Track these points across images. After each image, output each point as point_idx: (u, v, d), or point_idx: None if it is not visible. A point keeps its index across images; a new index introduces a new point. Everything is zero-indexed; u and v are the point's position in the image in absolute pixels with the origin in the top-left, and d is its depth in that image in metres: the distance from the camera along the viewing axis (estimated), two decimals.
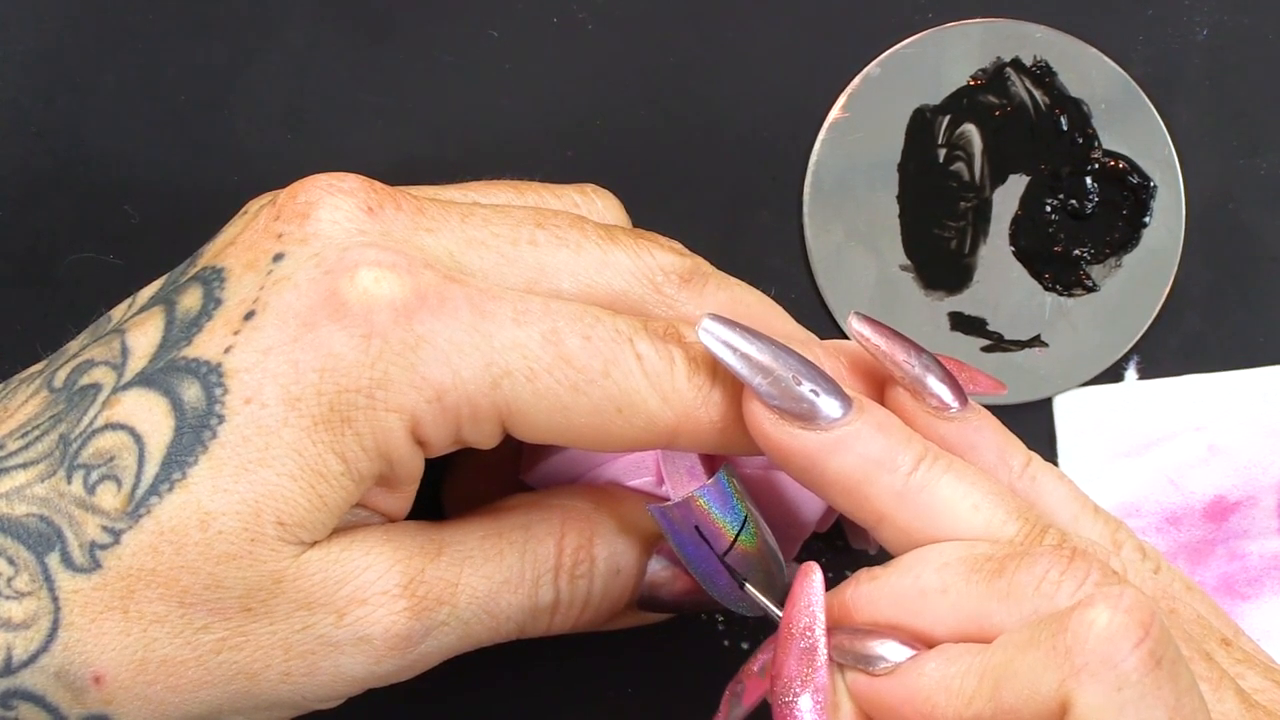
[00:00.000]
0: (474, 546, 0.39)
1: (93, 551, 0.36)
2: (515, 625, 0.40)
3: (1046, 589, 0.35)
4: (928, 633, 0.36)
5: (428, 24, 0.49)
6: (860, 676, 0.36)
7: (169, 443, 0.37)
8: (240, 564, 0.36)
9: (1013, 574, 0.35)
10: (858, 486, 0.37)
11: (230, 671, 0.37)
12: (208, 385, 0.37)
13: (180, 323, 0.38)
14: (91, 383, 0.38)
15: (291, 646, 0.37)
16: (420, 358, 0.37)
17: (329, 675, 0.38)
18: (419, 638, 0.38)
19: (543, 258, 0.39)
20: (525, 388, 0.37)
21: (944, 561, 0.36)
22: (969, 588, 0.36)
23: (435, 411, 0.37)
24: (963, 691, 0.34)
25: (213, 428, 0.36)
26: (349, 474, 0.37)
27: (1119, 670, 0.32)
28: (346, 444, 0.37)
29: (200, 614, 0.37)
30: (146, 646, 0.36)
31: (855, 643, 0.37)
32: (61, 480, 0.37)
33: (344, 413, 0.37)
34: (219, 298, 0.38)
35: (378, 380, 0.37)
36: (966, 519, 0.37)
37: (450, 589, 0.38)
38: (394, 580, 0.38)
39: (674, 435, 0.39)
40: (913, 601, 0.36)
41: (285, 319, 0.37)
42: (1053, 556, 0.35)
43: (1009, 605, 0.35)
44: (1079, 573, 0.35)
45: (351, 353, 0.37)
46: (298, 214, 0.38)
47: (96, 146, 0.48)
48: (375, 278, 0.37)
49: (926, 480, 0.37)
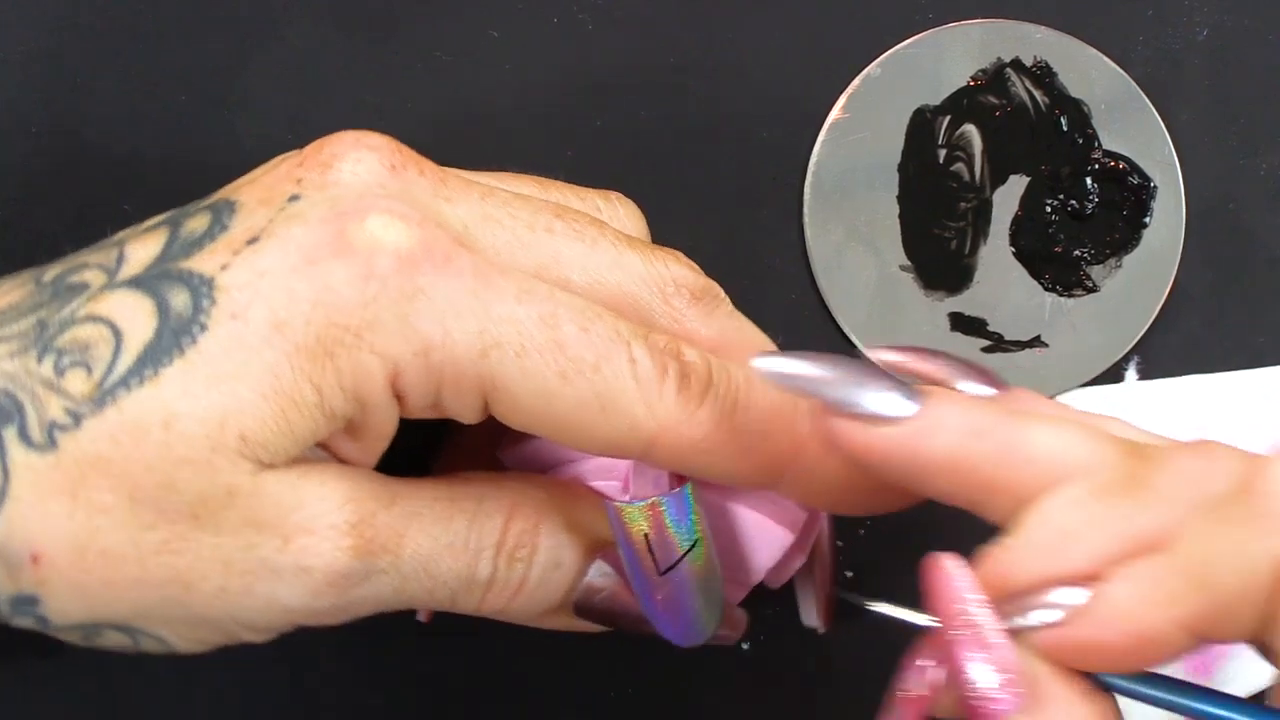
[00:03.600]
0: (426, 505, 0.39)
1: (51, 431, 0.36)
2: (449, 593, 0.40)
3: (1197, 477, 0.35)
4: (1087, 570, 0.35)
5: (428, 24, 0.49)
6: (1047, 633, 0.35)
7: (147, 342, 0.36)
8: (197, 470, 0.36)
9: (1156, 479, 0.35)
10: (961, 461, 0.37)
11: (167, 575, 0.37)
12: (197, 295, 0.37)
13: (182, 241, 0.38)
14: (81, 281, 0.38)
15: (232, 563, 0.37)
16: (414, 309, 0.37)
17: (263, 600, 0.38)
18: (358, 579, 0.38)
19: (557, 246, 0.39)
20: (513, 363, 0.37)
21: (1074, 499, 0.36)
22: (1115, 511, 0.35)
23: (419, 366, 0.37)
24: (1166, 596, 0.34)
25: (194, 335, 0.36)
26: (321, 407, 0.37)
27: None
28: (325, 377, 0.37)
29: (148, 512, 0.36)
30: (89, 534, 0.36)
31: (1022, 604, 0.35)
32: (31, 359, 0.37)
33: (328, 346, 0.37)
34: (226, 224, 0.38)
35: (368, 322, 0.37)
36: (1074, 455, 0.36)
37: (396, 539, 0.38)
38: (344, 517, 0.38)
39: (652, 445, 0.39)
40: (1062, 547, 0.35)
41: (288, 249, 0.37)
42: (1190, 451, 0.35)
43: (1166, 508, 0.35)
44: (1220, 457, 0.35)
45: (347, 290, 0.37)
46: (320, 163, 0.38)
47: (96, 146, 0.48)
48: (384, 223, 0.37)
49: (1020, 433, 0.37)
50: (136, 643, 0.38)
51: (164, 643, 0.39)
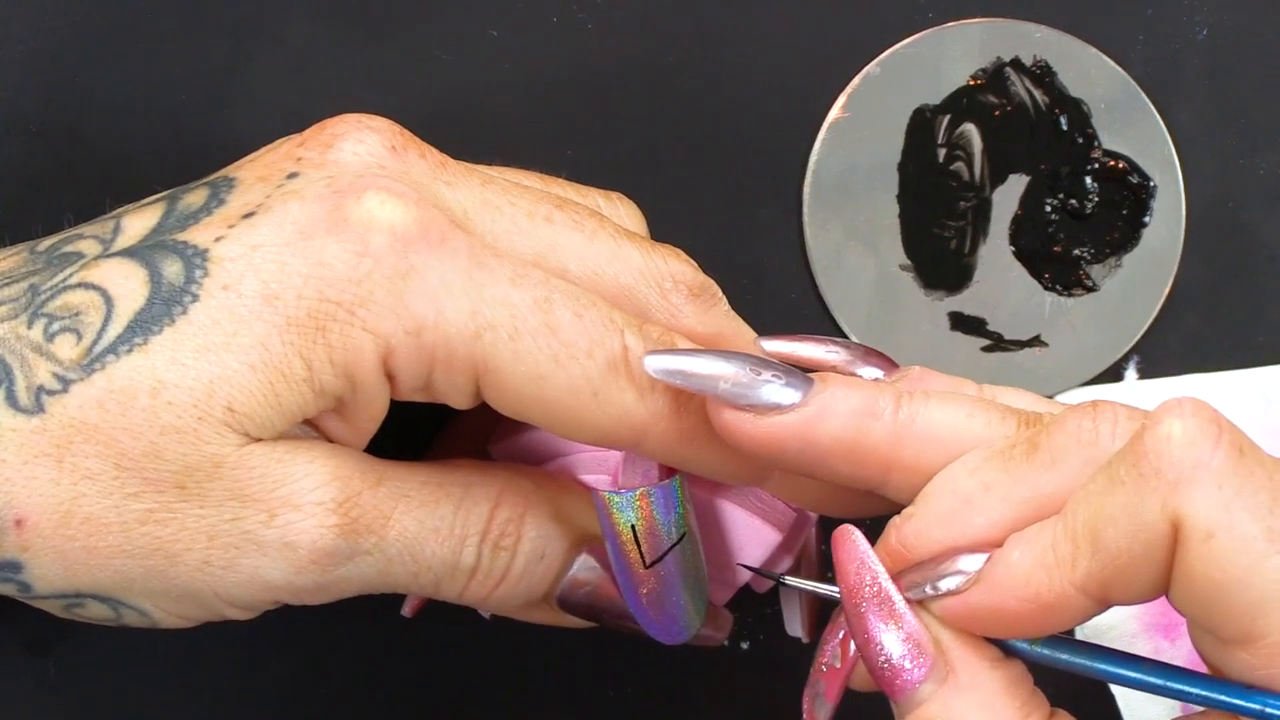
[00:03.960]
0: (413, 488, 0.39)
1: (39, 395, 0.36)
2: (433, 578, 0.40)
3: (1088, 438, 0.35)
4: (987, 536, 0.35)
5: (427, 24, 0.49)
6: (948, 600, 0.35)
7: (138, 309, 0.37)
8: (183, 439, 0.36)
9: (1048, 442, 0.35)
10: (855, 444, 0.37)
11: (150, 545, 0.37)
12: (189, 266, 0.37)
13: (178, 214, 0.38)
14: (75, 250, 0.38)
15: (216, 535, 0.37)
16: (408, 287, 0.37)
17: (246, 574, 0.38)
18: (342, 558, 0.38)
19: (556, 235, 0.39)
20: (506, 346, 0.37)
21: (972, 467, 0.36)
22: (1010, 475, 0.35)
23: (411, 346, 0.37)
24: (1062, 558, 0.34)
25: (184, 304, 0.37)
26: (310, 382, 0.37)
27: (1212, 469, 0.32)
28: (316, 352, 0.37)
29: (134, 480, 0.36)
30: (74, 500, 0.36)
31: (926, 573, 0.36)
32: (22, 324, 0.37)
33: (320, 321, 0.37)
34: (223, 199, 0.38)
35: (361, 298, 0.37)
36: (967, 428, 0.37)
37: (382, 520, 0.38)
38: (330, 494, 0.38)
39: (643, 435, 0.39)
40: (961, 514, 0.36)
41: (283, 223, 0.37)
42: (1078, 412, 0.35)
43: (1060, 469, 0.35)
44: (1108, 415, 0.35)
45: (341, 266, 0.37)
46: (321, 143, 0.39)
47: (96, 146, 0.48)
48: (380, 201, 0.37)
49: (914, 412, 0.37)
50: (118, 615, 0.38)
51: (146, 615, 0.39)
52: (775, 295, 0.49)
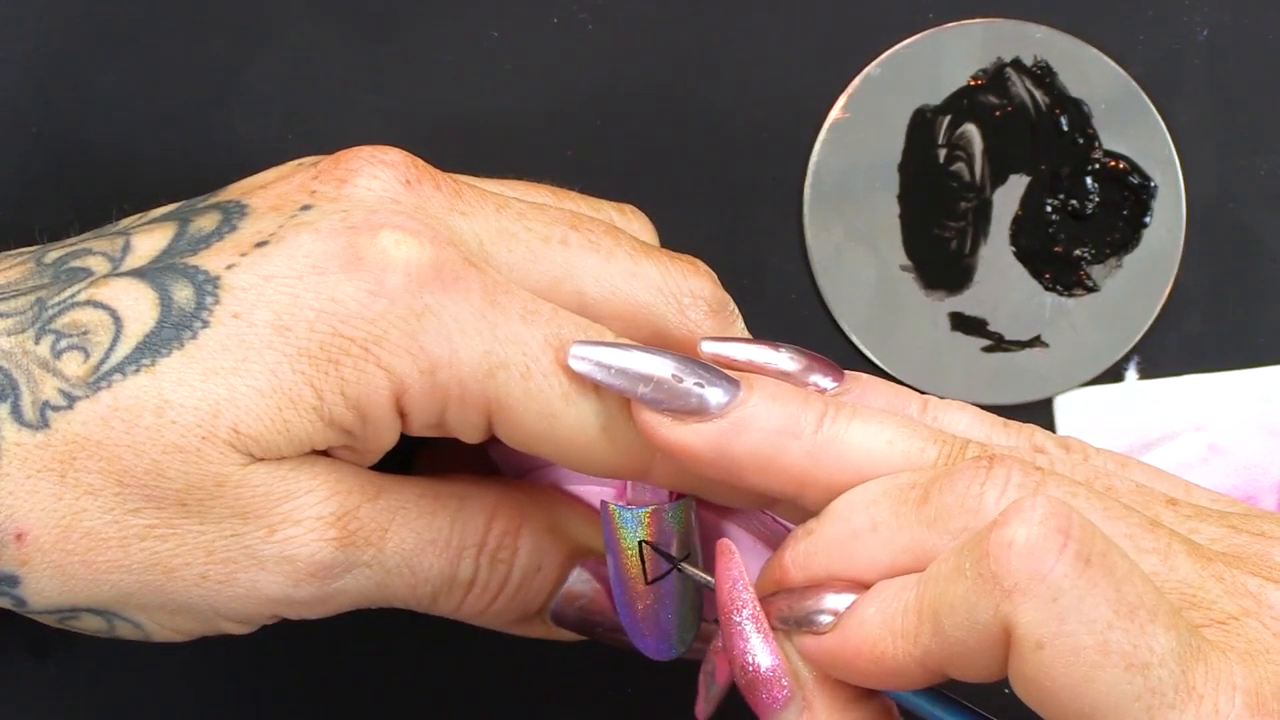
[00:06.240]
0: (410, 500, 0.39)
1: (44, 411, 0.36)
2: (431, 591, 0.40)
3: (970, 504, 0.34)
4: (864, 575, 0.35)
5: (428, 24, 0.49)
6: (808, 640, 0.35)
7: (148, 332, 0.37)
8: (186, 458, 0.36)
9: (937, 496, 0.34)
10: (770, 461, 0.37)
11: (149, 560, 0.37)
12: (201, 292, 0.37)
13: (190, 237, 0.38)
14: (84, 266, 0.38)
15: (215, 551, 0.37)
16: (422, 327, 0.37)
17: (245, 589, 0.38)
18: (340, 571, 0.38)
19: (571, 259, 0.39)
20: (518, 384, 0.37)
21: (870, 499, 0.35)
22: (898, 519, 0.35)
23: (425, 385, 0.37)
24: (906, 631, 0.34)
25: (194, 330, 0.37)
26: (320, 410, 0.37)
27: (1049, 581, 0.31)
28: (327, 382, 0.37)
29: (135, 497, 0.37)
30: (75, 515, 0.36)
31: (795, 604, 0.36)
32: (29, 339, 0.37)
33: (333, 355, 0.37)
34: (235, 225, 0.38)
35: (375, 336, 0.37)
36: (884, 455, 0.36)
37: (380, 533, 0.38)
38: (329, 509, 0.38)
39: (651, 468, 0.39)
40: (846, 546, 0.35)
41: (296, 256, 0.37)
42: (972, 469, 0.35)
43: (939, 529, 0.34)
44: (999, 479, 0.34)
45: (354, 303, 0.37)
46: (336, 178, 0.39)
47: (96, 146, 0.48)
48: (396, 240, 0.37)
49: (834, 432, 0.36)
50: (112, 627, 0.39)
51: (140, 629, 0.39)
52: (775, 295, 0.49)
